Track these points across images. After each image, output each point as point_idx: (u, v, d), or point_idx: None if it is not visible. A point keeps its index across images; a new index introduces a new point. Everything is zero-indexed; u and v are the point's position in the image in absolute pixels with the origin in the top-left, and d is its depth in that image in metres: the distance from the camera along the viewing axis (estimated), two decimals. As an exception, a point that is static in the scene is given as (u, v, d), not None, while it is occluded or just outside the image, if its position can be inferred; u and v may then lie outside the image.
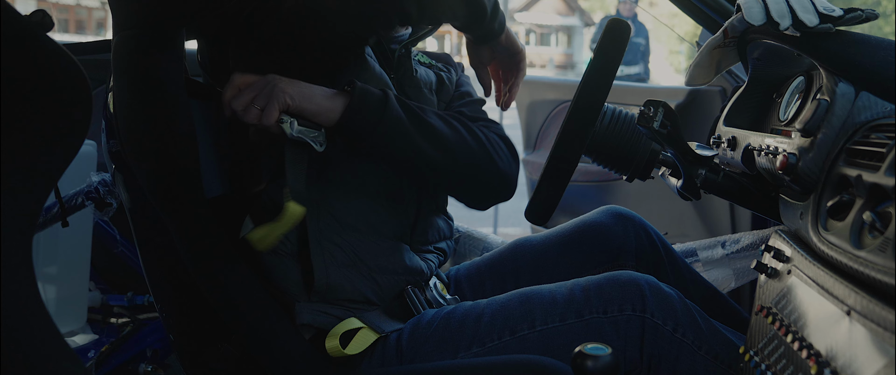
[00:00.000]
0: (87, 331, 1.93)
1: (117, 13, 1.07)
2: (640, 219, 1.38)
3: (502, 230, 4.72)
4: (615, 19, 1.09)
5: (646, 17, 7.83)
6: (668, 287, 1.12)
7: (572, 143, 1.06)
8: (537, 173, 2.79)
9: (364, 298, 1.15)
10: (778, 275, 0.97)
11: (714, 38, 1.26)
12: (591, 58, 1.09)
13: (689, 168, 1.17)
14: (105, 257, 2.01)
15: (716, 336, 1.10)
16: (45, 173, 1.00)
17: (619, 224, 1.35)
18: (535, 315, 1.10)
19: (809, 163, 0.96)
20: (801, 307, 0.86)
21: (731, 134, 1.28)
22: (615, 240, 1.34)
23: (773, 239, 1.04)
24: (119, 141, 1.15)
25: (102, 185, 1.69)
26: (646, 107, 1.10)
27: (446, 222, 1.31)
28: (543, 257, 1.35)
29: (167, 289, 1.24)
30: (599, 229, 1.35)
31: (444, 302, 1.23)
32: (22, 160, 0.97)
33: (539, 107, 2.81)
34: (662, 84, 15.94)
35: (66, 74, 1.00)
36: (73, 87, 1.00)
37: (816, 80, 1.15)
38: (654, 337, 1.07)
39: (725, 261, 1.61)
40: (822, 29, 1.02)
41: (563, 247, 1.35)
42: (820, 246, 0.86)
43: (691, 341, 1.08)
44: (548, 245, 1.37)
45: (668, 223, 2.29)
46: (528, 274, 1.33)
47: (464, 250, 1.75)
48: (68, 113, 1.00)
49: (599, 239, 1.34)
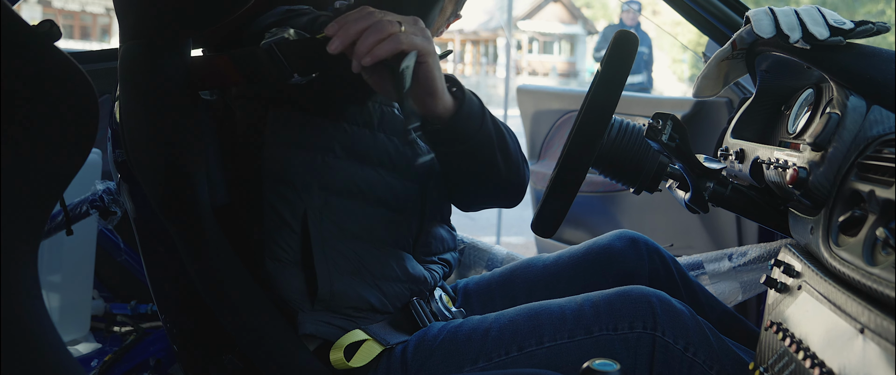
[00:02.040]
0: (91, 340, 1.92)
1: (124, 23, 1.07)
2: (654, 244, 1.36)
3: (505, 239, 4.71)
4: (623, 31, 1.09)
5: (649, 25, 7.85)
6: (679, 303, 1.11)
7: (580, 156, 1.06)
8: (542, 183, 2.78)
9: (368, 306, 1.15)
10: (788, 291, 0.96)
11: (722, 50, 1.25)
12: (599, 70, 1.08)
13: (697, 181, 1.16)
14: (108, 265, 2.01)
15: (728, 355, 1.08)
16: (52, 182, 1.00)
17: (632, 248, 1.33)
18: (543, 330, 1.08)
19: (820, 177, 0.95)
20: (813, 323, 0.85)
21: (739, 146, 1.27)
22: (627, 265, 1.32)
23: (783, 254, 1.03)
24: (125, 151, 1.15)
25: (107, 194, 1.69)
26: (654, 120, 1.09)
27: (449, 233, 1.31)
28: (555, 277, 1.33)
29: (171, 299, 1.24)
30: (611, 253, 1.33)
31: (450, 315, 1.22)
32: (28, 169, 0.96)
33: (543, 117, 2.81)
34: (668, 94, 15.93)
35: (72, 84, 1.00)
36: (79, 98, 1.00)
37: (826, 93, 1.15)
38: (665, 356, 1.06)
39: (732, 274, 1.60)
40: (832, 42, 1.01)
41: (575, 269, 1.33)
42: (831, 262, 0.85)
43: (702, 360, 1.06)
44: (559, 265, 1.35)
45: (673, 235, 2.28)
46: (539, 294, 1.31)
47: (469, 261, 1.74)
48: (75, 123, 1.00)
49: (611, 264, 1.32)
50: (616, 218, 2.57)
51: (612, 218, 2.58)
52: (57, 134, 0.99)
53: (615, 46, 1.06)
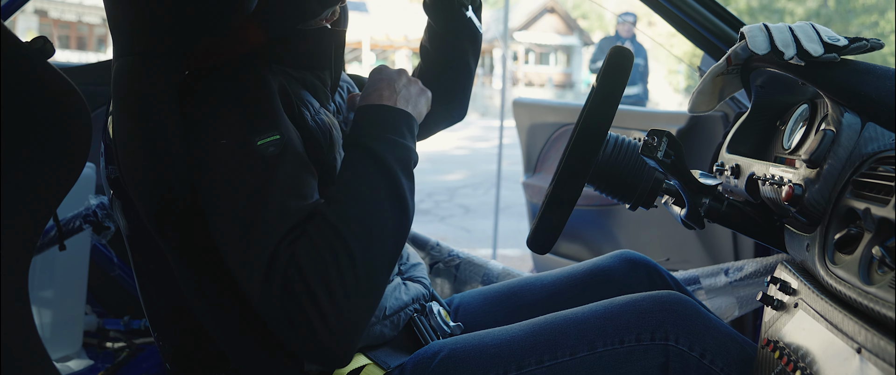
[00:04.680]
0: (83, 356, 1.91)
1: (118, 38, 1.07)
2: (655, 264, 1.34)
3: (501, 252, 4.71)
4: (618, 47, 1.09)
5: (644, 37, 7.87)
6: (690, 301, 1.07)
7: (576, 173, 1.05)
8: (537, 196, 2.78)
9: (383, 340, 1.13)
10: (784, 308, 0.96)
11: (717, 66, 1.25)
12: (595, 86, 1.08)
13: (692, 197, 1.16)
14: (102, 280, 2.00)
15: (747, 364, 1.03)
16: (45, 198, 0.99)
17: (632, 270, 1.31)
18: (542, 348, 1.05)
19: (815, 194, 0.95)
20: (809, 342, 0.85)
21: (734, 161, 1.27)
22: (627, 287, 1.28)
23: (779, 271, 1.02)
24: (118, 167, 1.14)
25: (100, 209, 1.68)
26: (650, 137, 1.09)
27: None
28: (555, 297, 1.31)
29: (164, 318, 1.23)
30: (611, 275, 1.31)
31: (448, 329, 1.21)
32: (22, 185, 0.96)
33: (539, 131, 2.81)
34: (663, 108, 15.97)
35: (65, 101, 0.99)
36: (72, 114, 1.00)
37: (821, 109, 1.15)
38: (681, 366, 1.01)
39: (729, 289, 1.60)
40: (827, 58, 1.01)
41: (575, 289, 1.31)
42: (827, 280, 0.85)
43: (720, 368, 1.02)
44: (559, 285, 1.33)
45: (669, 249, 2.28)
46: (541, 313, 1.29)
47: (464, 277, 1.73)
48: (68, 139, 1.00)
49: (612, 285, 1.30)
50: (612, 232, 2.56)
51: (607, 232, 2.57)
52: (50, 149, 0.98)
53: (610, 63, 1.06)
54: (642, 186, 1.18)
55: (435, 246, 1.79)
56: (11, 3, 1.86)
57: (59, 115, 0.99)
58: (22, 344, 0.97)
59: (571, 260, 2.67)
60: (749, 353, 1.05)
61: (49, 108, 0.98)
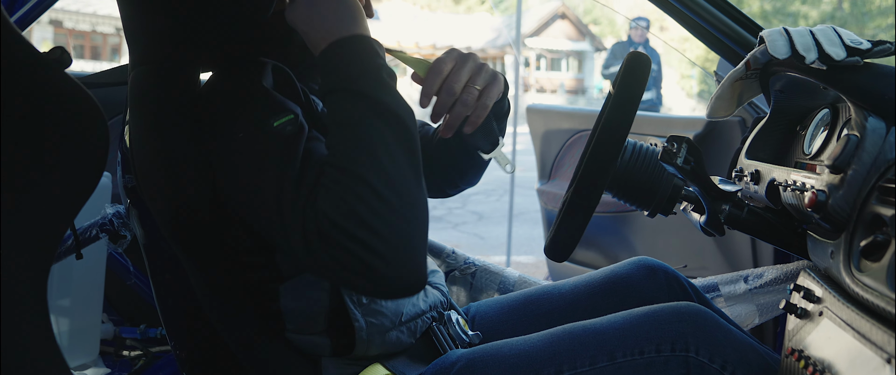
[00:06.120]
0: (100, 364, 1.91)
1: (134, 48, 1.07)
2: (673, 271, 1.32)
3: (515, 258, 4.69)
4: (636, 52, 1.08)
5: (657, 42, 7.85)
6: (710, 313, 1.06)
7: (594, 181, 1.04)
8: (552, 203, 2.76)
9: (400, 347, 1.12)
10: (809, 317, 0.94)
11: (736, 71, 1.24)
12: (612, 93, 1.07)
13: (712, 204, 1.14)
14: (118, 289, 2.00)
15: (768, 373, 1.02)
16: (63, 207, 1.00)
17: (650, 277, 1.29)
18: (562, 357, 1.04)
19: (840, 200, 0.93)
20: (836, 352, 0.83)
21: (754, 167, 1.25)
22: (645, 294, 1.27)
23: (802, 278, 1.01)
24: (134, 176, 1.14)
25: (117, 217, 1.69)
26: (669, 143, 1.08)
27: None
28: (572, 306, 1.30)
29: (180, 325, 1.23)
30: (630, 282, 1.29)
31: (467, 338, 1.20)
32: (40, 195, 0.96)
33: (554, 137, 2.79)
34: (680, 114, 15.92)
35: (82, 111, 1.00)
36: (89, 124, 1.00)
37: (843, 113, 1.13)
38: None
39: (748, 297, 1.58)
40: (849, 62, 1.00)
41: (593, 298, 1.30)
42: (854, 288, 0.83)
43: None
44: (577, 294, 1.32)
45: (687, 255, 2.26)
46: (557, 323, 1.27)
47: (480, 284, 1.72)
48: (85, 149, 1.00)
49: (630, 293, 1.28)
50: (629, 239, 2.54)
51: (624, 239, 2.55)
52: (67, 159, 0.98)
53: (628, 69, 1.05)
54: (661, 193, 1.17)
55: (450, 254, 1.78)
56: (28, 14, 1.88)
57: (77, 125, 0.99)
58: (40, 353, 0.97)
59: (587, 267, 2.65)
60: (770, 364, 1.04)
61: (66, 118, 0.98)
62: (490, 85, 1.03)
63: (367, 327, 1.07)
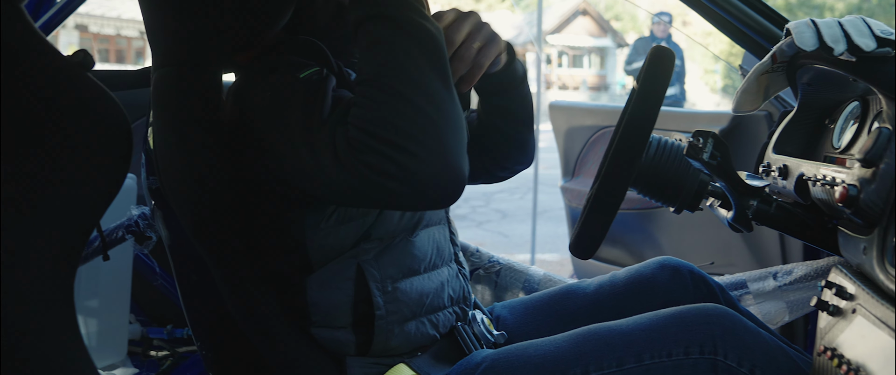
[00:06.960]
0: (128, 365, 1.93)
1: (156, 50, 1.08)
2: (699, 271, 1.30)
3: (540, 256, 4.67)
4: (660, 47, 1.06)
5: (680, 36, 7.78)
6: (737, 315, 1.04)
7: (619, 177, 1.03)
8: (576, 200, 2.75)
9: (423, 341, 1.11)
10: (841, 314, 0.92)
11: (762, 64, 1.22)
12: (636, 88, 1.06)
13: (740, 199, 1.12)
14: (145, 289, 2.02)
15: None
16: (89, 209, 1.01)
17: (674, 277, 1.27)
18: (588, 358, 1.03)
19: (872, 195, 0.91)
20: (871, 350, 0.81)
21: (781, 162, 1.23)
22: (672, 295, 1.25)
23: (834, 275, 0.99)
24: (158, 178, 1.15)
25: (142, 219, 1.70)
26: (695, 138, 1.06)
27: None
28: (598, 306, 1.29)
29: (206, 326, 1.23)
30: (654, 284, 1.27)
31: (492, 338, 1.19)
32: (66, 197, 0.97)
33: (577, 134, 2.77)
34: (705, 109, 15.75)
35: (106, 113, 1.00)
36: (113, 126, 1.01)
37: (873, 106, 1.11)
38: None
39: (778, 294, 1.55)
40: (880, 53, 0.97)
41: (617, 298, 1.28)
42: (888, 285, 0.82)
43: None
44: (601, 294, 1.30)
45: (714, 252, 2.23)
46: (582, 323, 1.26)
47: (505, 283, 1.71)
48: (109, 151, 1.01)
49: (655, 294, 1.26)
50: (654, 236, 2.52)
51: (650, 236, 2.53)
52: (92, 161, 0.99)
53: (652, 63, 1.03)
54: (687, 189, 1.15)
55: (474, 253, 1.77)
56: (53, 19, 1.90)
57: (101, 128, 1.00)
58: (69, 354, 0.98)
59: (613, 264, 2.62)
60: (800, 365, 1.02)
61: (90, 120, 0.99)
62: (489, 43, 1.03)
63: (386, 314, 1.06)
